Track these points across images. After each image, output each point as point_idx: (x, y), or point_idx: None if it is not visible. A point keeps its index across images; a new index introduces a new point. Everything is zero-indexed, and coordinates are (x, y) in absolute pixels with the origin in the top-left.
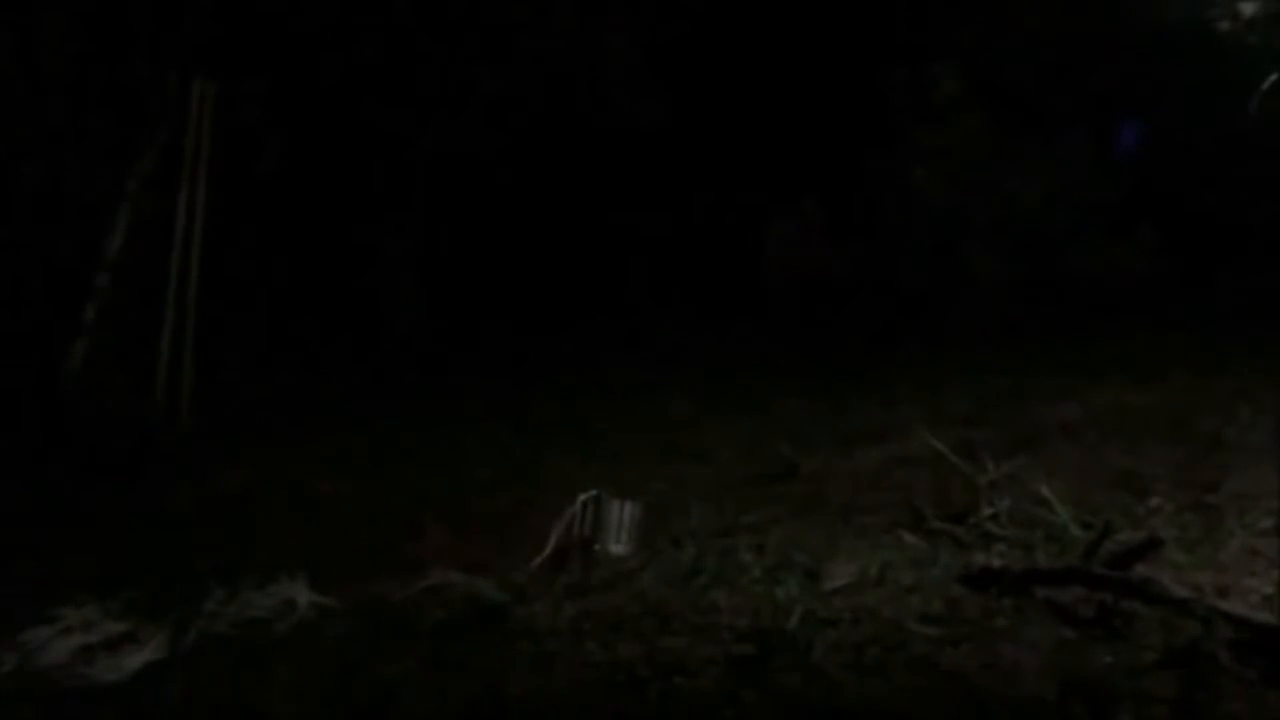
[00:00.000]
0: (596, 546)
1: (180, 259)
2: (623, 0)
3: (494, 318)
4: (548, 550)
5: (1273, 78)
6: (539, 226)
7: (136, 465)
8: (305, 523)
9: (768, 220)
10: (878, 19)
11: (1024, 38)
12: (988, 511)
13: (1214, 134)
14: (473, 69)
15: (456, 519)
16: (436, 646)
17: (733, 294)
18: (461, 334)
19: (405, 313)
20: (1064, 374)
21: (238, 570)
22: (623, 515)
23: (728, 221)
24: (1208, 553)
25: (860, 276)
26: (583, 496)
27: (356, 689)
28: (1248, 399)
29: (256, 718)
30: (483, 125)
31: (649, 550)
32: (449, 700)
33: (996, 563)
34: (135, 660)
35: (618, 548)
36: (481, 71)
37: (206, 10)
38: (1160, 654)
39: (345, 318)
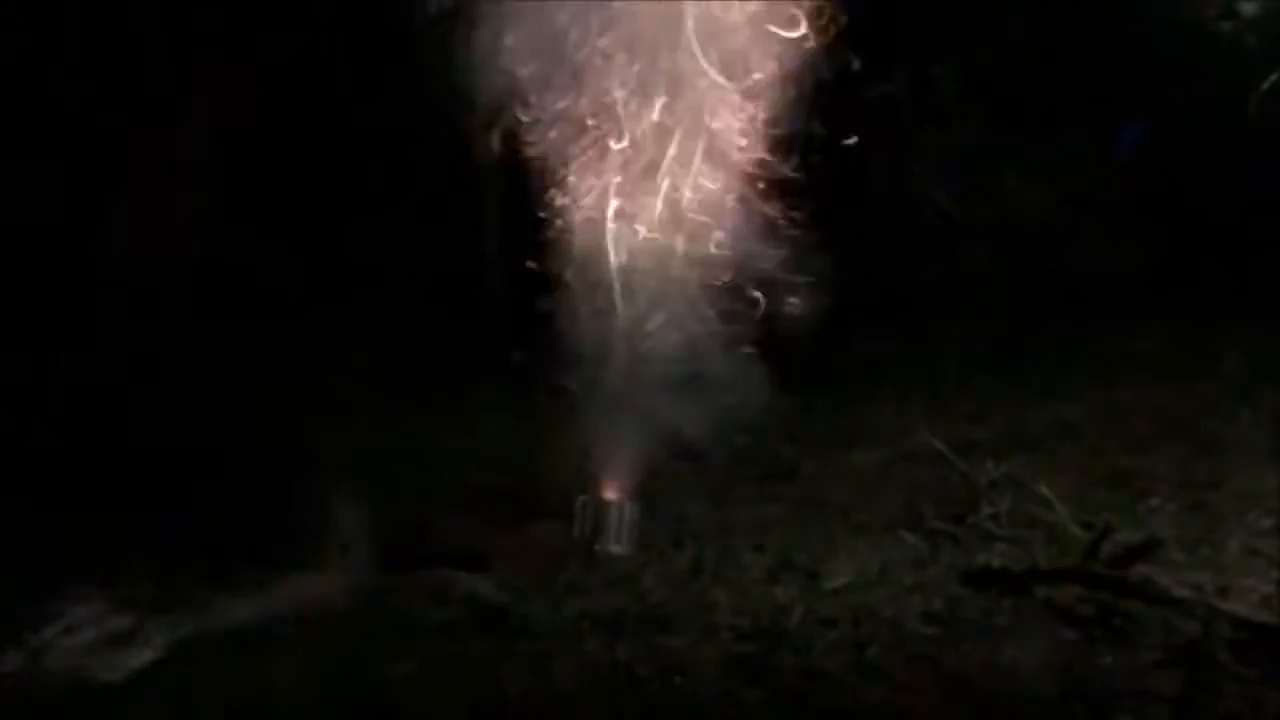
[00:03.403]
0: (596, 546)
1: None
2: None
3: (493, 318)
4: (548, 550)
5: (1273, 78)
6: (536, 223)
7: None
8: None
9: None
10: (878, 18)
11: (1024, 38)
12: (988, 511)
13: (1214, 134)
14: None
15: (456, 517)
16: (436, 646)
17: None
18: (461, 334)
19: (405, 311)
20: (1064, 374)
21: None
22: (623, 515)
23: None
24: (1208, 553)
25: (859, 275)
26: (583, 497)
27: (356, 689)
28: (1248, 399)
29: (256, 718)
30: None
31: (649, 550)
32: (449, 700)
33: (996, 562)
34: (136, 659)
35: (618, 548)
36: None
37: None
38: (1160, 654)
39: (344, 316)
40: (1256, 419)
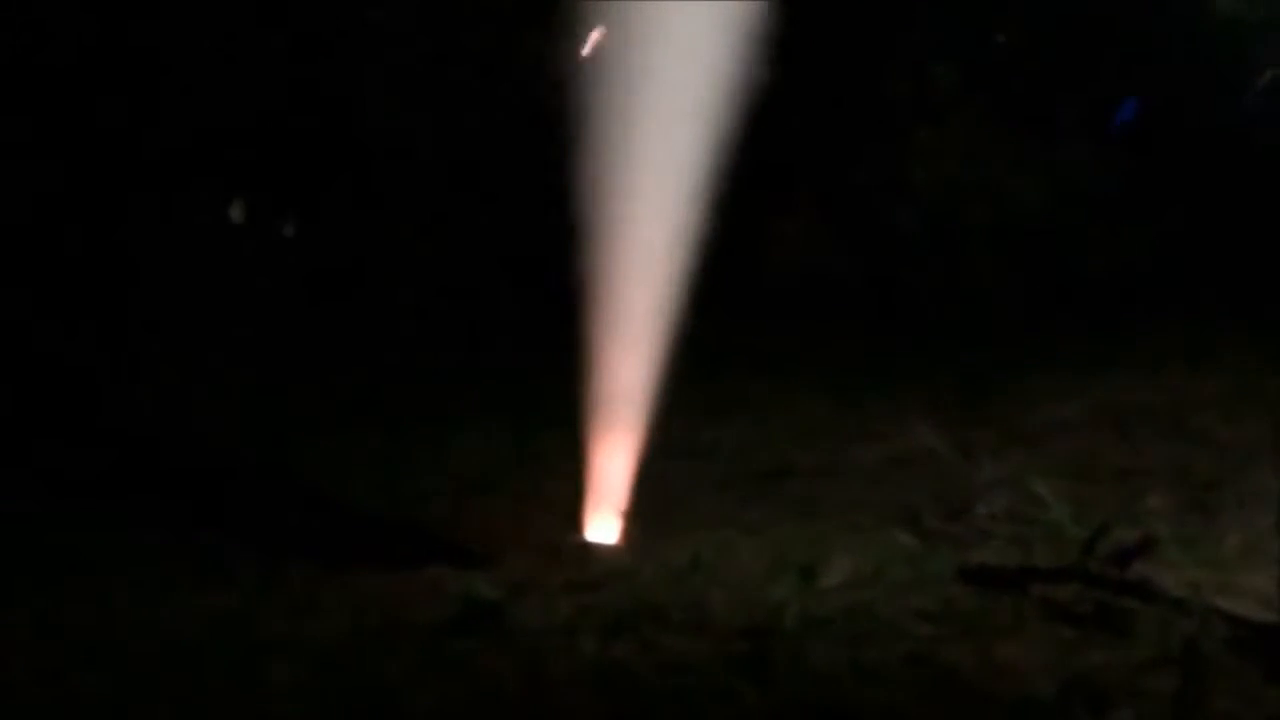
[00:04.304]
0: (594, 545)
1: None
2: None
3: (491, 317)
4: (545, 548)
5: (1270, 73)
6: (537, 223)
7: None
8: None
9: (767, 217)
10: (877, 16)
11: (1024, 35)
12: (984, 509)
13: (1215, 131)
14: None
15: (454, 516)
16: (434, 645)
17: (731, 291)
18: (461, 333)
19: (405, 311)
20: (1062, 371)
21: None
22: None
23: (726, 218)
24: (1206, 551)
25: (859, 275)
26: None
27: (356, 689)
28: (1246, 397)
29: (256, 718)
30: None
31: (646, 548)
32: (447, 699)
33: (993, 561)
34: None
35: (615, 547)
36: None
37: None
38: (1158, 652)
39: (343, 315)
40: (1256, 417)
